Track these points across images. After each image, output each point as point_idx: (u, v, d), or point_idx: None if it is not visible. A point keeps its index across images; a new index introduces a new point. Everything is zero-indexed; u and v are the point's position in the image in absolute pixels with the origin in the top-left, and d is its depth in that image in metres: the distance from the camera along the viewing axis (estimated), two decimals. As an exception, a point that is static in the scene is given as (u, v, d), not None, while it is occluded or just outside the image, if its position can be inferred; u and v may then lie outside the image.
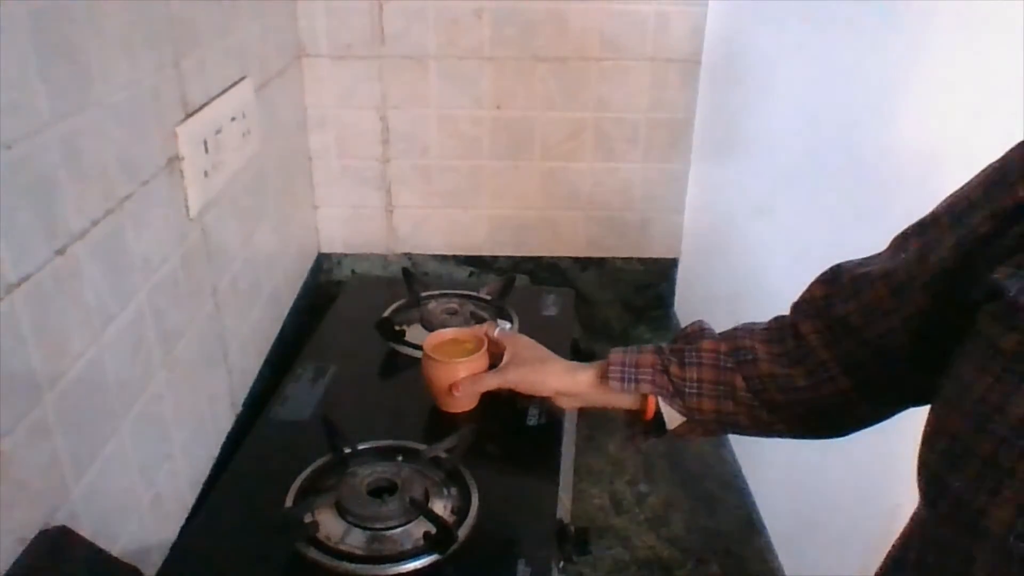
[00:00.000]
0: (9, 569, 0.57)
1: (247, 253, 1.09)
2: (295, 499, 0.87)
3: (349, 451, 0.93)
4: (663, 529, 1.00)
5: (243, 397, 1.08)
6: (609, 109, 1.39)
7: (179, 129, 0.85)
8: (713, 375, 0.80)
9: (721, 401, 0.80)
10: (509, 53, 1.35)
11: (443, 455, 0.93)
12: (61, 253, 0.64)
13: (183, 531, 0.87)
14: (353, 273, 1.51)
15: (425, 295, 1.28)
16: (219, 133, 0.95)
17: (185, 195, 0.87)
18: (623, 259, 1.52)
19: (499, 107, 1.39)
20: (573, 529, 0.87)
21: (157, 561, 0.82)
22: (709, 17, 1.34)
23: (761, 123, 1.42)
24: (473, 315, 1.23)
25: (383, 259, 1.51)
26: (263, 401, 1.08)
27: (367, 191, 1.45)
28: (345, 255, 1.51)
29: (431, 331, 1.20)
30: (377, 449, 0.95)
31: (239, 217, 1.05)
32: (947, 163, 0.66)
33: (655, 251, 1.51)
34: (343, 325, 1.27)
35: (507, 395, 0.96)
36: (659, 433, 0.86)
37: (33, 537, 0.60)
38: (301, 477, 0.90)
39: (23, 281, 0.59)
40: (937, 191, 0.64)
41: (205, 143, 0.91)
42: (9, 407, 0.57)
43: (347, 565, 0.79)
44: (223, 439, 1.01)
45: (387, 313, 1.23)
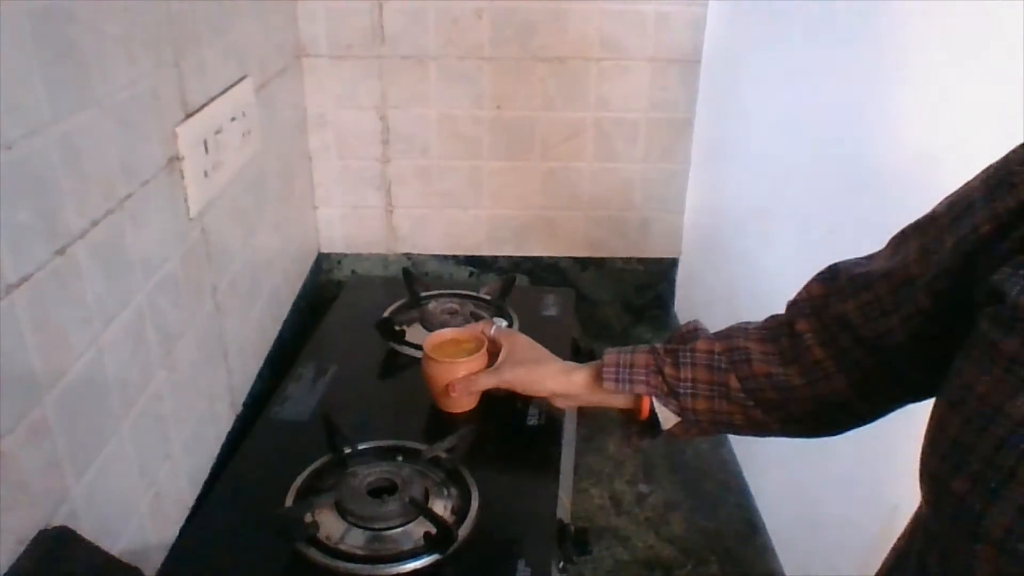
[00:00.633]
0: (9, 569, 0.57)
1: (247, 253, 1.09)
2: (295, 499, 0.87)
3: (349, 451, 0.93)
4: (663, 529, 1.00)
5: (243, 397, 1.08)
6: (609, 109, 1.39)
7: (179, 129, 0.85)
8: (707, 375, 0.80)
9: (715, 401, 0.80)
10: (509, 53, 1.35)
11: (443, 455, 0.93)
12: (61, 253, 0.64)
13: (183, 531, 0.87)
14: (353, 273, 1.51)
15: (425, 295, 1.28)
16: (219, 133, 0.95)
17: (185, 195, 0.87)
18: (623, 259, 1.52)
19: (499, 107, 1.39)
20: (573, 529, 0.87)
21: (157, 561, 0.82)
22: (709, 17, 1.34)
23: (761, 123, 1.42)
24: (473, 315, 1.23)
25: (383, 259, 1.51)
26: (263, 401, 1.08)
27: (367, 191, 1.45)
28: (345, 255, 1.51)
29: (431, 331, 1.20)
30: (377, 449, 0.95)
31: (239, 217, 1.05)
32: (947, 163, 0.66)
33: (655, 251, 1.51)
34: (343, 325, 1.27)
35: (506, 395, 0.97)
36: (654, 433, 0.86)
37: (33, 537, 0.60)
38: (301, 477, 0.90)
39: (23, 281, 0.59)
40: (937, 191, 0.64)
41: (205, 143, 0.91)
42: (9, 407, 0.57)
43: (347, 565, 0.79)
44: (223, 439, 1.01)
45: (387, 313, 1.23)
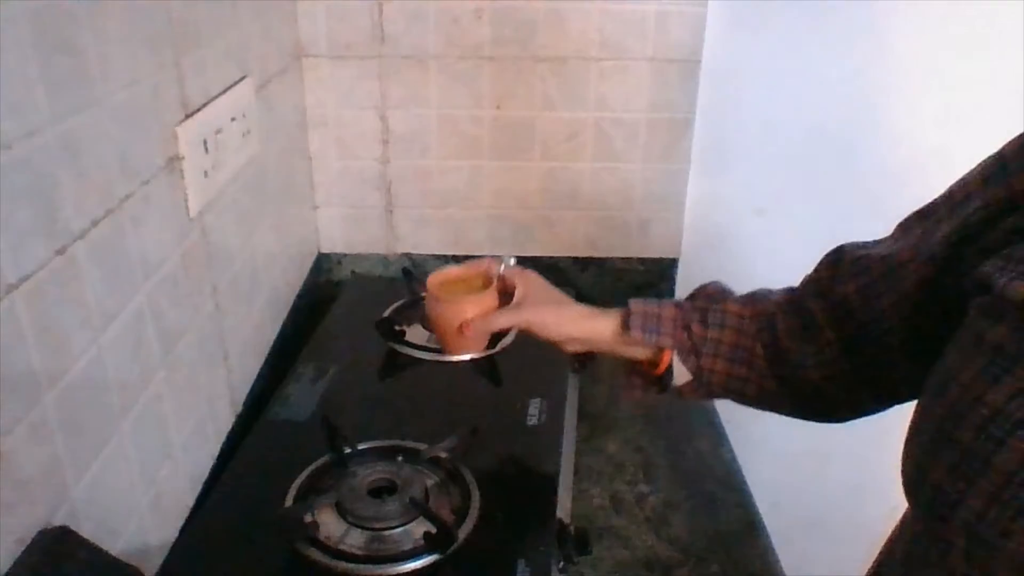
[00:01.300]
0: (9, 569, 0.57)
1: (247, 253, 1.09)
2: (295, 499, 0.87)
3: (349, 451, 0.93)
4: (663, 529, 1.00)
5: (243, 397, 1.08)
6: (609, 109, 1.39)
7: (179, 129, 0.85)
8: (734, 338, 0.79)
9: (735, 366, 0.79)
10: (509, 53, 1.35)
11: (443, 455, 0.93)
12: (61, 253, 0.64)
13: (183, 531, 0.87)
14: (353, 273, 1.51)
15: (425, 295, 1.28)
16: (219, 133, 0.95)
17: (185, 195, 0.87)
18: (623, 259, 1.52)
19: (499, 107, 1.39)
20: (573, 529, 0.87)
21: (157, 561, 0.82)
22: (709, 17, 1.34)
23: (761, 123, 1.42)
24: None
25: (383, 259, 1.51)
26: (263, 401, 1.08)
27: (367, 191, 1.45)
28: (345, 255, 1.51)
29: (431, 331, 1.20)
30: (377, 449, 0.95)
31: (239, 217, 1.05)
32: (947, 162, 0.66)
33: (655, 251, 1.51)
34: (343, 325, 1.27)
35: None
36: (661, 388, 0.84)
37: (33, 537, 0.60)
38: (301, 477, 0.90)
39: (23, 281, 0.59)
40: (936, 191, 0.64)
41: (205, 143, 0.91)
42: (9, 407, 0.57)
43: (347, 565, 0.79)
44: (223, 439, 1.01)
45: (387, 313, 1.23)
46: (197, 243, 0.91)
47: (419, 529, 0.83)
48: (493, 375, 1.15)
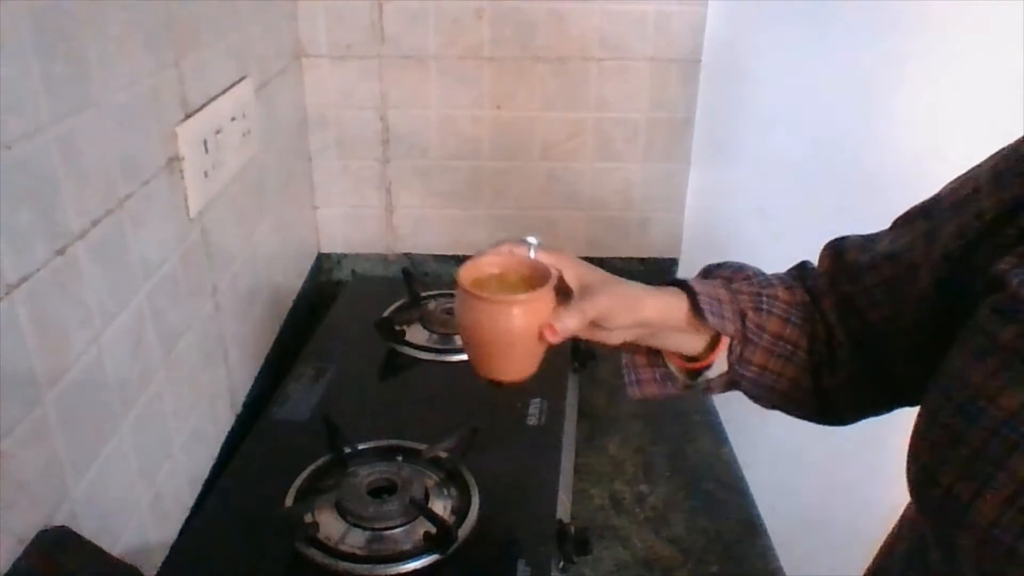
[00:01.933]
0: (9, 569, 0.57)
1: (247, 253, 1.09)
2: (295, 499, 0.87)
3: (349, 451, 0.93)
4: (663, 529, 1.00)
5: (243, 397, 1.08)
6: (609, 109, 1.39)
7: (179, 129, 0.85)
8: (779, 328, 0.70)
9: (773, 359, 0.70)
10: (509, 53, 1.35)
11: (443, 455, 0.93)
12: (61, 253, 0.64)
13: (183, 531, 0.87)
14: (353, 273, 1.51)
15: (425, 295, 1.28)
16: (219, 133, 0.95)
17: (185, 195, 0.87)
18: (623, 259, 1.52)
19: (499, 107, 1.39)
20: (573, 529, 0.87)
21: (157, 561, 0.82)
22: (709, 17, 1.34)
23: (761, 123, 1.42)
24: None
25: (383, 259, 1.51)
26: (263, 401, 1.08)
27: (367, 191, 1.45)
28: (345, 255, 1.51)
29: (431, 331, 1.21)
30: (377, 449, 0.95)
31: (239, 217, 1.05)
32: (947, 162, 0.66)
33: (655, 251, 1.51)
34: (343, 325, 1.27)
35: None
36: (688, 385, 0.75)
37: (33, 537, 0.60)
38: (301, 477, 0.90)
39: (23, 281, 0.59)
40: (936, 188, 0.64)
41: (205, 143, 0.91)
42: (9, 407, 0.57)
43: (347, 565, 0.79)
44: (223, 439, 1.01)
45: (387, 313, 1.23)
46: (197, 243, 0.91)
47: (419, 529, 0.83)
48: (493, 375, 1.15)
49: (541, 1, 1.32)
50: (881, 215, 0.70)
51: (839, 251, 0.70)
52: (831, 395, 0.72)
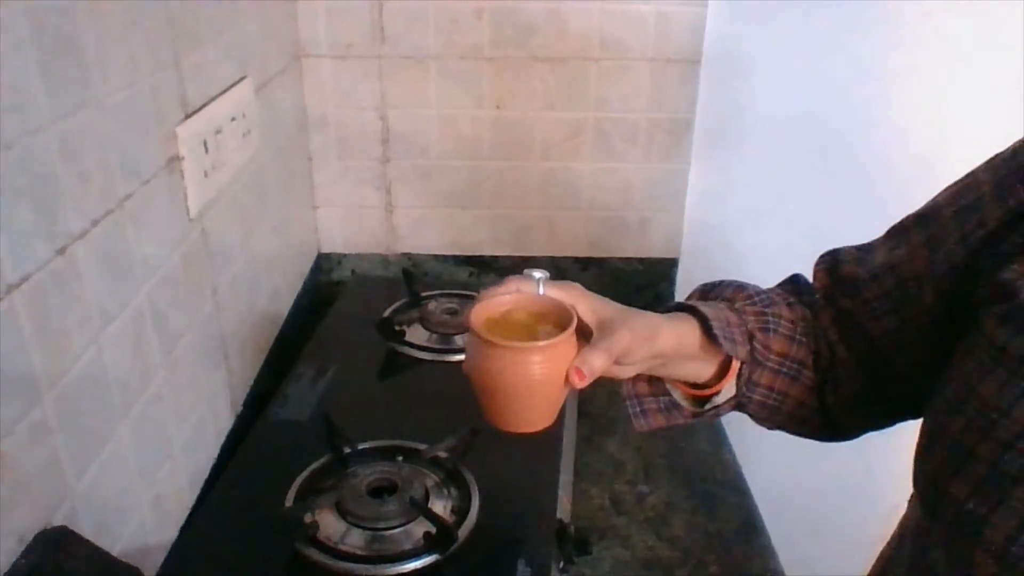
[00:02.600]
0: (9, 569, 0.57)
1: (247, 253, 1.09)
2: (295, 499, 0.87)
3: (349, 451, 0.93)
4: (663, 529, 1.00)
5: (243, 397, 1.08)
6: (609, 109, 1.39)
7: (179, 129, 0.85)
8: (784, 348, 0.68)
9: (779, 379, 0.68)
10: (509, 53, 1.35)
11: (443, 455, 0.93)
12: (61, 253, 0.64)
13: (183, 531, 0.87)
14: (353, 273, 1.51)
15: (425, 295, 1.28)
16: (219, 133, 0.95)
17: (185, 195, 0.87)
18: (623, 259, 1.52)
19: (499, 107, 1.39)
20: (573, 529, 0.87)
21: (157, 561, 0.82)
22: (709, 17, 1.34)
23: (761, 123, 1.42)
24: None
25: (383, 259, 1.51)
26: (263, 401, 1.08)
27: (367, 191, 1.45)
28: (345, 255, 1.51)
29: (431, 331, 1.21)
30: (377, 449, 0.95)
31: (239, 217, 1.05)
32: (947, 162, 0.66)
33: (655, 251, 1.51)
34: (343, 325, 1.27)
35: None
36: (697, 413, 0.72)
37: (33, 537, 0.60)
38: (301, 477, 0.90)
39: (23, 281, 0.59)
40: (936, 189, 0.64)
41: (205, 143, 0.91)
42: (9, 407, 0.57)
43: (347, 565, 0.79)
44: (223, 439, 1.01)
45: (387, 313, 1.23)
46: (197, 243, 0.91)
47: (419, 529, 0.83)
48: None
49: (541, 1, 1.32)
50: (881, 215, 0.70)
51: (834, 265, 0.69)
52: (834, 411, 0.70)
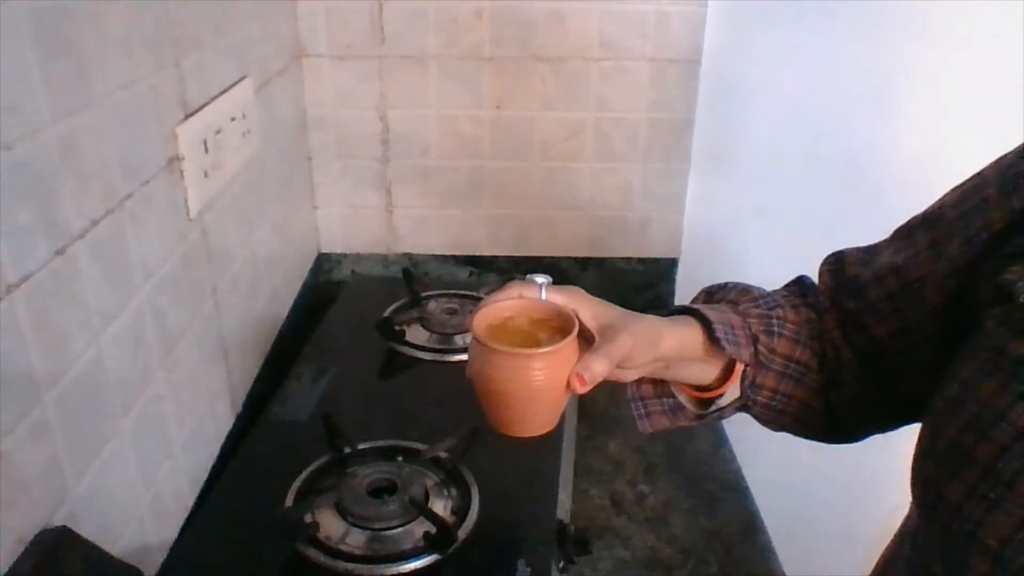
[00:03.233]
0: (9, 569, 0.57)
1: (247, 253, 1.09)
2: (295, 499, 0.87)
3: (349, 451, 0.93)
4: (663, 529, 1.00)
5: (243, 397, 1.08)
6: (609, 109, 1.39)
7: (179, 129, 0.85)
8: (789, 350, 0.68)
9: (784, 382, 0.68)
10: (509, 53, 1.35)
11: (443, 455, 0.93)
12: (61, 253, 0.64)
13: (183, 531, 0.87)
14: (353, 273, 1.51)
15: (425, 295, 1.28)
16: (219, 133, 0.95)
17: (185, 195, 0.87)
18: (623, 259, 1.52)
19: (499, 107, 1.39)
20: (573, 529, 0.87)
21: (157, 561, 0.82)
22: (709, 17, 1.34)
23: (761, 123, 1.42)
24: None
25: (383, 259, 1.51)
26: (263, 401, 1.08)
27: (367, 191, 1.45)
28: (345, 255, 1.51)
29: (431, 331, 1.21)
30: (377, 449, 0.95)
31: (239, 217, 1.05)
32: (947, 162, 0.66)
33: (655, 251, 1.51)
34: (343, 325, 1.27)
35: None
36: (700, 416, 0.72)
37: (33, 537, 0.60)
38: (301, 477, 0.90)
39: (23, 281, 0.59)
40: (936, 191, 0.64)
41: (205, 143, 0.91)
42: (9, 407, 0.57)
43: (347, 565, 0.79)
44: (223, 439, 1.01)
45: (387, 313, 1.23)
46: (197, 243, 0.91)
47: (419, 529, 0.83)
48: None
49: (541, 1, 1.32)
50: (881, 215, 0.70)
51: (839, 266, 0.69)
52: (839, 413, 0.70)
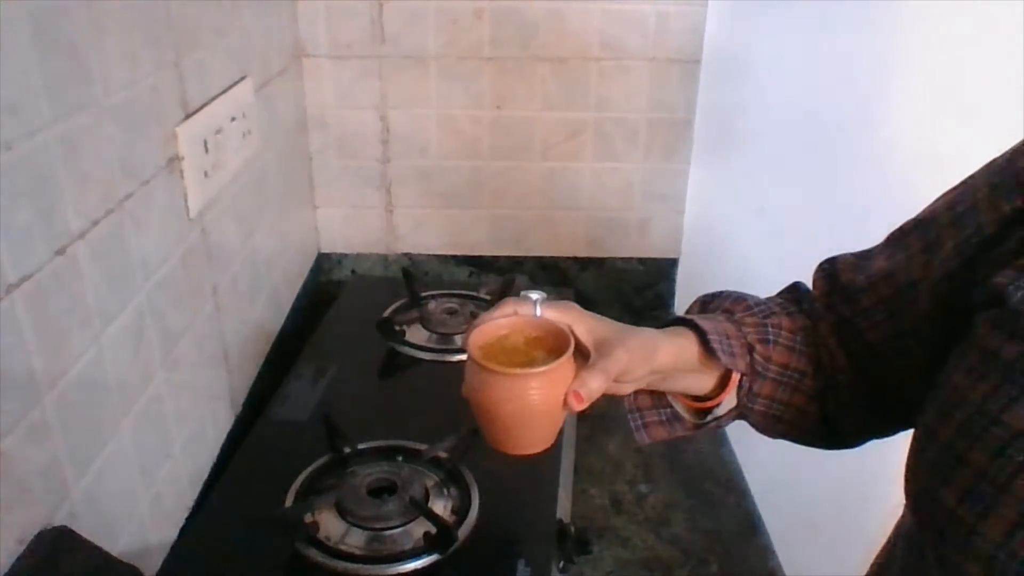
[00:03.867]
0: (9, 569, 0.57)
1: (247, 253, 1.09)
2: (295, 499, 0.87)
3: (349, 451, 0.93)
4: (663, 529, 1.00)
5: (243, 397, 1.08)
6: (609, 109, 1.39)
7: (179, 129, 0.85)
8: (785, 358, 0.68)
9: (780, 390, 0.68)
10: (509, 53, 1.35)
11: (443, 455, 0.93)
12: (61, 253, 0.64)
13: (183, 531, 0.87)
14: (353, 273, 1.51)
15: (425, 295, 1.28)
16: (219, 133, 0.95)
17: (185, 195, 0.87)
18: (623, 259, 1.52)
19: (499, 107, 1.39)
20: (573, 529, 0.87)
21: (157, 561, 0.82)
22: (709, 17, 1.34)
23: (761, 123, 1.42)
24: (473, 315, 1.22)
25: (383, 259, 1.51)
26: (263, 401, 1.08)
27: (367, 191, 1.45)
28: (345, 255, 1.51)
29: (431, 331, 1.21)
30: (377, 449, 0.95)
31: (239, 217, 1.05)
32: (947, 163, 0.66)
33: (655, 251, 1.51)
34: (343, 325, 1.27)
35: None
36: (698, 425, 0.71)
37: (33, 537, 0.60)
38: (301, 477, 0.90)
39: (23, 281, 0.59)
40: (936, 191, 0.64)
41: (205, 143, 0.91)
42: (9, 407, 0.57)
43: (347, 565, 0.79)
44: (223, 439, 1.01)
45: (387, 313, 1.23)
46: (197, 243, 0.91)
47: (419, 529, 0.83)
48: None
49: (541, 1, 1.32)
50: (880, 215, 0.70)
51: (832, 273, 0.69)
52: (836, 419, 0.70)
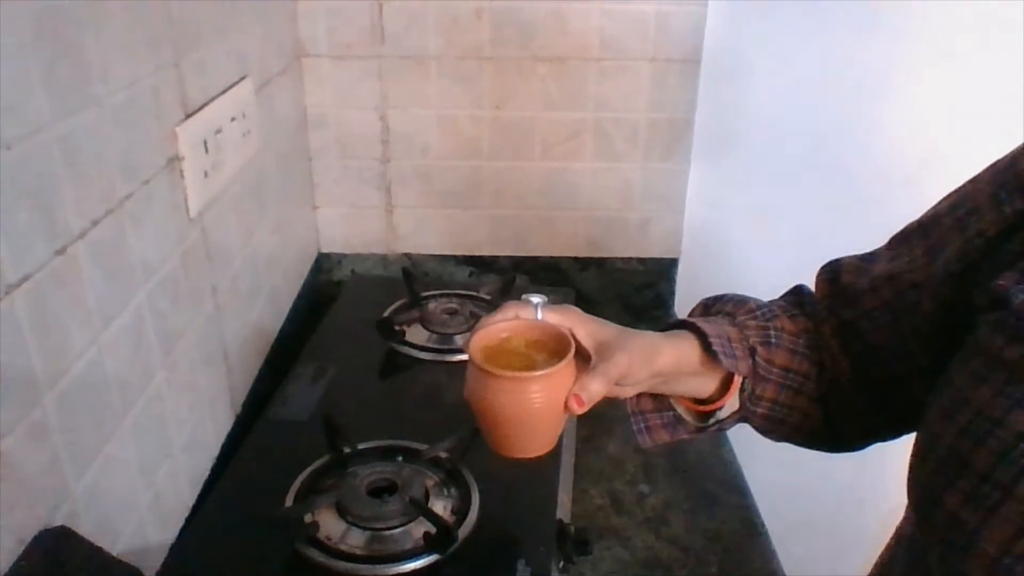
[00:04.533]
0: (9, 569, 0.57)
1: (247, 253, 1.09)
2: (295, 499, 0.87)
3: (349, 451, 0.93)
4: (663, 529, 1.00)
5: (243, 397, 1.08)
6: (609, 109, 1.39)
7: (179, 129, 0.85)
8: (787, 361, 0.68)
9: (783, 393, 0.68)
10: (509, 53, 1.35)
11: (443, 455, 0.93)
12: (61, 253, 0.64)
13: (183, 531, 0.87)
14: (353, 273, 1.51)
15: (425, 295, 1.28)
16: (219, 133, 0.95)
17: (185, 195, 0.87)
18: (623, 259, 1.52)
19: (499, 107, 1.39)
20: (573, 529, 0.87)
21: (157, 561, 0.82)
22: (709, 17, 1.34)
23: (761, 123, 1.42)
24: (473, 315, 1.23)
25: (383, 259, 1.51)
26: (263, 401, 1.08)
27: (367, 191, 1.45)
28: (345, 255, 1.51)
29: (431, 331, 1.21)
30: (377, 449, 0.95)
31: (239, 217, 1.05)
32: (947, 163, 0.66)
33: (655, 251, 1.51)
34: (343, 325, 1.27)
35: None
36: (701, 428, 0.72)
37: (33, 537, 0.60)
38: (301, 477, 0.90)
39: (23, 281, 0.59)
40: (937, 191, 0.64)
41: (205, 143, 0.91)
42: (9, 407, 0.57)
43: (347, 565, 0.79)
44: (223, 439, 1.01)
45: (387, 313, 1.23)
46: (197, 243, 0.91)
47: (419, 529, 0.83)
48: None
49: (541, 1, 1.32)
50: (880, 215, 0.70)
51: (834, 275, 0.69)
52: (839, 422, 0.70)
